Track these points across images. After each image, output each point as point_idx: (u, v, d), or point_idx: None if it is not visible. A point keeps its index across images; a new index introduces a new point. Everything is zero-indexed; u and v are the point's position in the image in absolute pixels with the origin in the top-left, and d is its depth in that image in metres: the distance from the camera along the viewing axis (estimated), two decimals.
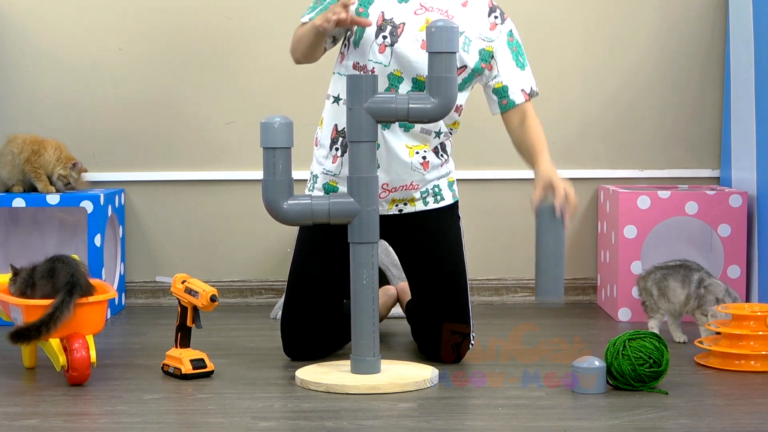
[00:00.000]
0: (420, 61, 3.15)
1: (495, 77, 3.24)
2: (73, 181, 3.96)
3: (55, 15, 4.21)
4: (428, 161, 3.26)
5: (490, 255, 4.31)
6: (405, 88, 3.18)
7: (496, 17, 3.24)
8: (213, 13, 4.23)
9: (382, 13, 3.16)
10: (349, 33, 3.23)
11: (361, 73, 3.19)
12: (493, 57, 3.23)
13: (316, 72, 4.19)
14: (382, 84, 3.16)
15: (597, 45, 4.28)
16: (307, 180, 3.40)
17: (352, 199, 2.99)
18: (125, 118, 4.25)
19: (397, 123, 3.18)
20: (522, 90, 3.24)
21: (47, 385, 3.03)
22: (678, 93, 4.30)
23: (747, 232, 3.95)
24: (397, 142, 3.20)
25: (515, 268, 4.34)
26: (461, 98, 3.24)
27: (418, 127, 3.21)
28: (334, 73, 3.30)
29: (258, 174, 4.10)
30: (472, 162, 4.26)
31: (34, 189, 3.96)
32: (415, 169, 3.24)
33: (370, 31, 3.16)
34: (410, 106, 2.96)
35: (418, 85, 3.18)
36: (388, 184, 3.23)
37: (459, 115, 3.28)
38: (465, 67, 3.20)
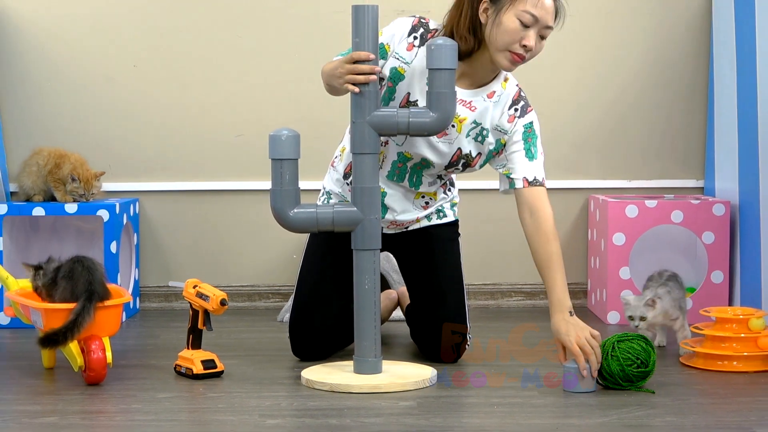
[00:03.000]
0: (426, 150, 3.14)
1: (504, 165, 3.18)
2: (82, 191, 3.94)
3: (72, 34, 4.21)
4: (428, 204, 3.30)
5: (485, 261, 4.31)
6: (411, 163, 3.19)
7: (516, 110, 3.14)
8: (223, 31, 4.24)
9: (408, 94, 3.10)
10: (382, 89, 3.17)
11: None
12: (504, 146, 3.17)
13: (320, 86, 4.20)
14: (390, 159, 3.20)
15: (590, 64, 4.28)
16: (319, 191, 3.40)
17: (355, 208, 2.99)
18: (139, 131, 4.25)
19: (407, 182, 3.23)
20: (524, 178, 3.12)
21: (65, 384, 3.03)
22: (664, 108, 4.31)
23: (730, 240, 3.95)
24: (407, 193, 3.25)
25: (510, 274, 4.34)
26: (474, 170, 3.25)
27: (426, 182, 3.25)
28: None
29: (266, 184, 4.10)
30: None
31: (53, 198, 3.97)
32: (417, 208, 3.29)
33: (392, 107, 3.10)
34: (410, 120, 2.96)
35: (423, 164, 3.19)
36: (396, 221, 3.29)
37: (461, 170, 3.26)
38: (480, 154, 3.19)
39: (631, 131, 4.31)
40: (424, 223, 3.33)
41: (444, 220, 3.35)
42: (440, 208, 3.35)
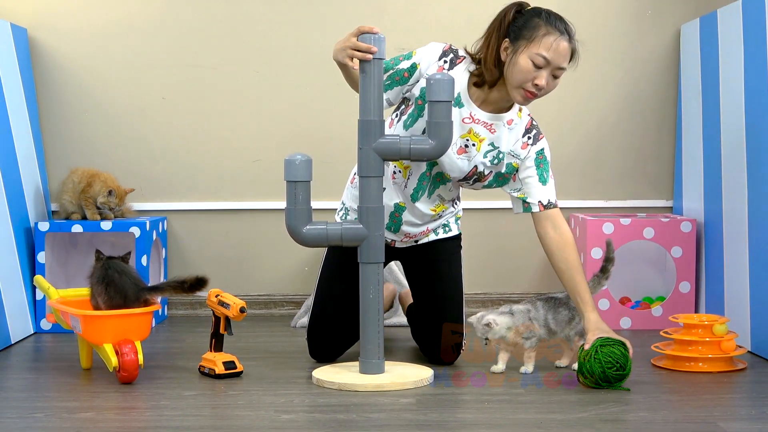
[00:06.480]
0: (449, 166, 3.10)
1: (519, 189, 3.15)
2: (114, 206, 3.95)
3: (107, 69, 4.23)
4: (440, 215, 3.28)
5: (477, 272, 4.31)
6: (431, 177, 3.16)
7: (529, 138, 3.13)
8: (243, 67, 4.25)
9: None
10: (404, 107, 3.15)
11: None
12: (517, 170, 3.15)
13: (329, 116, 4.23)
14: (416, 174, 3.16)
15: (572, 97, 4.29)
16: (331, 210, 3.39)
17: (361, 226, 3.00)
18: (167, 156, 4.26)
19: (427, 195, 3.18)
20: (539, 202, 3.12)
21: (101, 383, 3.04)
22: (638, 136, 4.32)
23: (696, 254, 3.96)
24: (423, 207, 3.21)
25: (500, 284, 4.33)
26: (480, 187, 3.19)
27: (440, 194, 3.20)
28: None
29: (281, 204, 4.11)
30: (463, 193, 4.26)
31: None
32: (428, 221, 3.25)
33: (421, 124, 3.07)
34: (411, 146, 2.96)
35: (438, 179, 3.16)
36: (409, 233, 3.25)
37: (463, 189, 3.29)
38: (491, 173, 3.14)
39: (608, 157, 4.32)
40: (432, 237, 3.31)
41: (449, 234, 3.34)
42: (446, 222, 3.33)
